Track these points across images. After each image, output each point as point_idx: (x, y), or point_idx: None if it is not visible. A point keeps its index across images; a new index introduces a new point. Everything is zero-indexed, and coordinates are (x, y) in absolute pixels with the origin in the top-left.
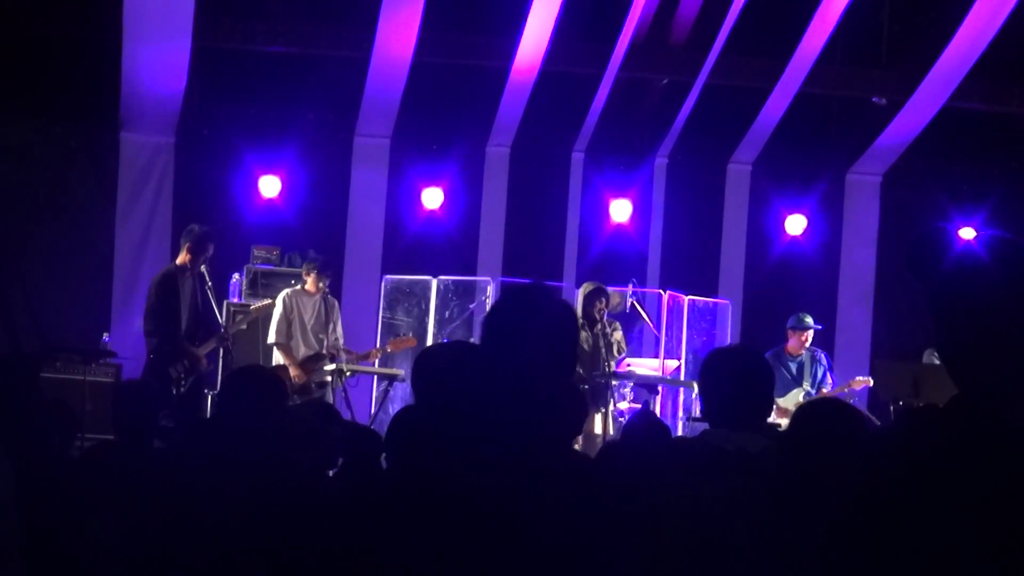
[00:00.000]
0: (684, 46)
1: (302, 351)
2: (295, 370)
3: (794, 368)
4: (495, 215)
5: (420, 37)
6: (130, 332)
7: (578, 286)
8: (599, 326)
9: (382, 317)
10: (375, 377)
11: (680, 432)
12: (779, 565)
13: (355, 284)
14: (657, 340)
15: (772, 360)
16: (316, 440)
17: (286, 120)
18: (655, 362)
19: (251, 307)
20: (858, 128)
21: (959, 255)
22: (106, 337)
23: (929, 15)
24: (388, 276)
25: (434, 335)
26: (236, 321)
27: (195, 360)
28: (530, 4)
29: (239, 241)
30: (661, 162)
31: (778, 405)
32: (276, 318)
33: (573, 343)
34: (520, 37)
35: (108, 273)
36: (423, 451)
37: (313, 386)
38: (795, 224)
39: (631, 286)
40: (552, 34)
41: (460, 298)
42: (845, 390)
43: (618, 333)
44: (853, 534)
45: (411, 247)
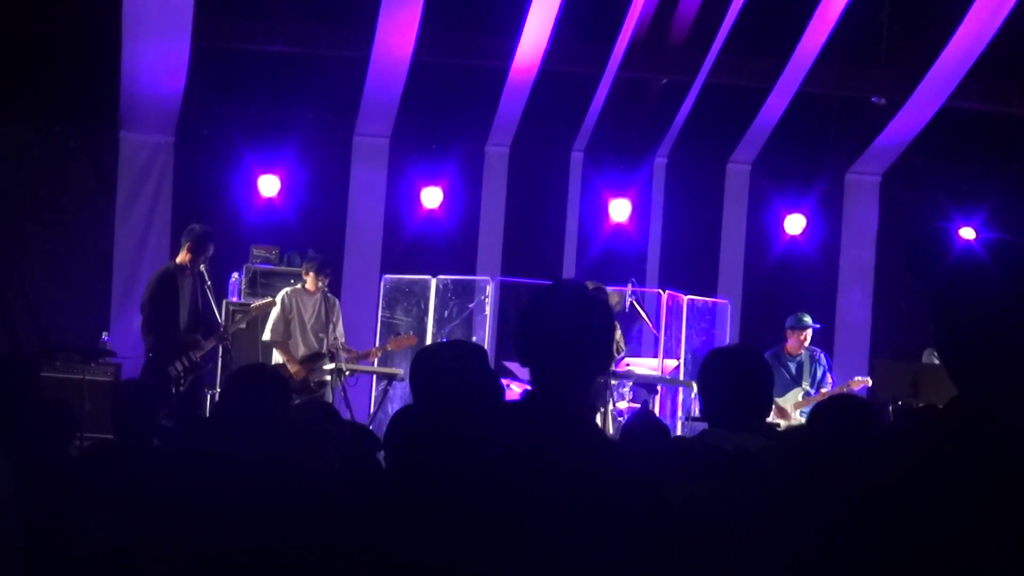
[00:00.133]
0: (683, 46)
1: (301, 350)
2: (294, 368)
3: (793, 368)
4: (494, 215)
5: (419, 37)
6: (129, 331)
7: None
8: None
9: (381, 316)
10: (374, 376)
11: (679, 432)
12: (778, 565)
13: (354, 283)
14: (656, 340)
15: (771, 360)
16: (315, 440)
17: (285, 119)
18: (654, 362)
19: (251, 305)
20: (857, 128)
21: (959, 255)
22: (105, 336)
23: (928, 15)
24: (387, 275)
25: (433, 334)
26: (235, 320)
27: (196, 346)
28: (529, 4)
29: (238, 240)
30: (660, 162)
31: (777, 405)
32: (273, 317)
33: (611, 339)
34: (519, 37)
35: (107, 272)
36: (422, 450)
37: (312, 385)
38: (794, 224)
39: (630, 286)
40: (551, 34)
41: (459, 298)
42: (844, 390)
43: (617, 333)
44: (852, 534)
45: (410, 246)
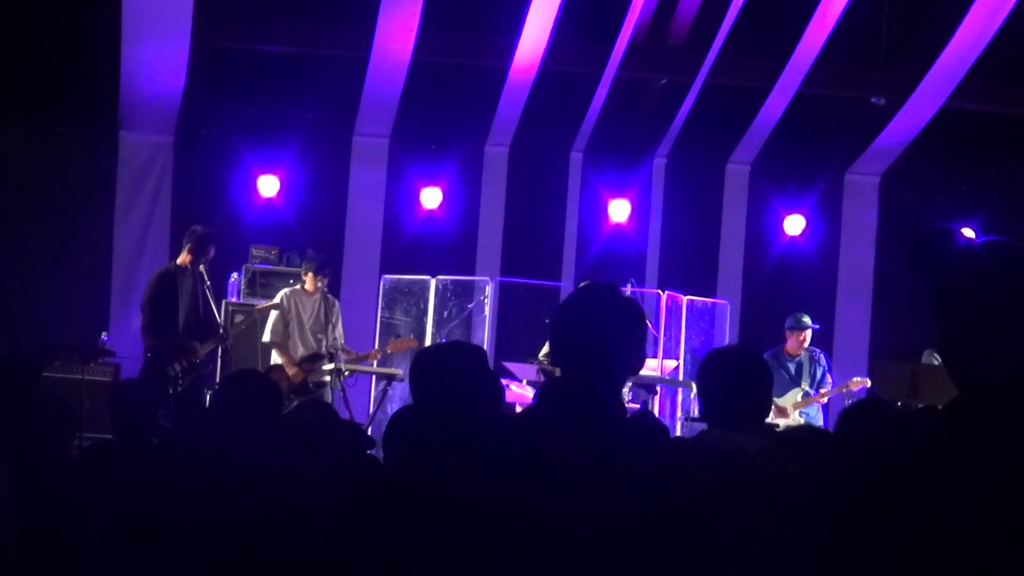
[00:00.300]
0: (683, 46)
1: (300, 351)
2: (292, 368)
3: (792, 368)
4: (494, 215)
5: (419, 37)
6: (129, 331)
7: (576, 286)
8: None
9: (380, 317)
10: (373, 377)
11: (678, 432)
12: (778, 565)
13: (354, 284)
14: (655, 340)
15: (770, 360)
16: (314, 440)
17: (285, 119)
18: (653, 362)
19: (256, 307)
20: (857, 128)
21: (960, 255)
22: (105, 336)
23: (928, 15)
24: (387, 276)
25: (432, 335)
26: (236, 322)
27: (193, 353)
28: (529, 4)
29: (238, 240)
30: (660, 162)
31: (777, 405)
32: (273, 318)
33: (644, 338)
34: (519, 37)
35: (107, 272)
36: (421, 450)
37: (311, 385)
38: (794, 224)
39: (629, 286)
40: (551, 34)
41: (459, 298)
42: (843, 391)
43: None
44: (851, 534)
45: (410, 247)
